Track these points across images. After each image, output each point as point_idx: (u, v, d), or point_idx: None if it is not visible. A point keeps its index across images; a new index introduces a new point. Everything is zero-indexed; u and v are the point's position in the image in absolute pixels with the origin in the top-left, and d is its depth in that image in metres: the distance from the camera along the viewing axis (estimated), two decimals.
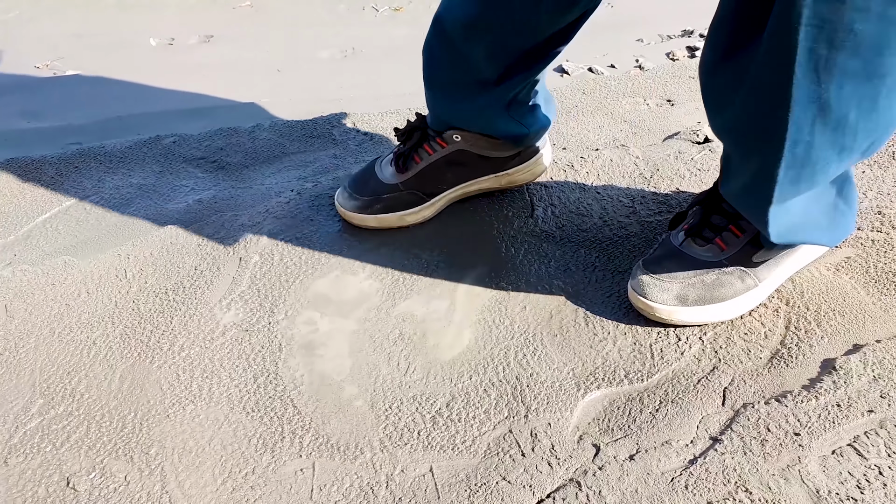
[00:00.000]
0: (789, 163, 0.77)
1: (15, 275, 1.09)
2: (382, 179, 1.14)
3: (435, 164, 1.13)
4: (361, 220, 1.14)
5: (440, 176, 1.14)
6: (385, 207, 1.13)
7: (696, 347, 0.92)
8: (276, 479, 0.80)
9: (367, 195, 1.14)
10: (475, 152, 1.13)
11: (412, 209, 1.14)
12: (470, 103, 1.07)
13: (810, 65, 0.69)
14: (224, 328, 0.98)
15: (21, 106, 1.64)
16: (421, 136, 1.13)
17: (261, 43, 2.00)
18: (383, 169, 1.16)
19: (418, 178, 1.13)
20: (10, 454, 0.84)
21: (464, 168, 1.14)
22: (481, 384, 0.90)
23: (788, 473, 0.76)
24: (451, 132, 1.12)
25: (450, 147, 1.12)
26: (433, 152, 1.13)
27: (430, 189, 1.14)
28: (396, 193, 1.13)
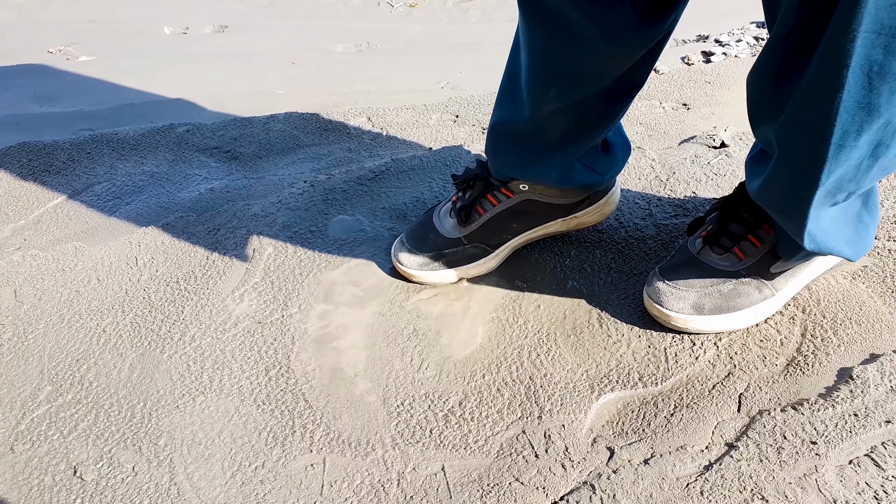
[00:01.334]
0: (832, 167, 0.75)
1: (25, 259, 1.08)
2: (443, 233, 1.05)
3: (500, 215, 1.04)
4: (423, 277, 1.05)
5: (506, 227, 1.05)
6: (448, 262, 1.05)
7: (711, 353, 0.92)
8: (286, 474, 0.80)
9: (428, 251, 1.05)
10: (543, 201, 1.04)
11: (475, 262, 1.05)
12: (544, 160, 0.99)
13: (864, 70, 0.68)
14: (236, 319, 0.98)
15: (33, 90, 1.64)
16: (485, 185, 1.05)
17: (276, 35, 1.99)
18: (443, 221, 1.07)
19: (482, 230, 1.05)
20: (17, 441, 0.83)
21: (531, 217, 1.06)
22: (494, 383, 0.89)
23: (805, 482, 0.75)
24: (517, 182, 1.03)
25: (516, 197, 1.04)
26: (497, 203, 1.04)
27: (494, 241, 1.06)
28: (460, 248, 1.05)
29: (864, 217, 0.91)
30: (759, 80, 0.82)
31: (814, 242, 0.85)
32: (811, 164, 0.76)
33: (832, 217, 0.86)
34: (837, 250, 0.89)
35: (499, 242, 1.06)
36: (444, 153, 1.32)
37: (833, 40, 0.68)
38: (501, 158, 1.02)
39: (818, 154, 0.74)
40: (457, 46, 1.96)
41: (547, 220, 1.07)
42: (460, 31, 2.08)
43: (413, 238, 1.06)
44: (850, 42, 0.66)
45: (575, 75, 0.88)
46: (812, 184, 0.77)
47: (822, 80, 0.70)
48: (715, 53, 1.81)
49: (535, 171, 1.01)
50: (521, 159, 1.00)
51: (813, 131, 0.74)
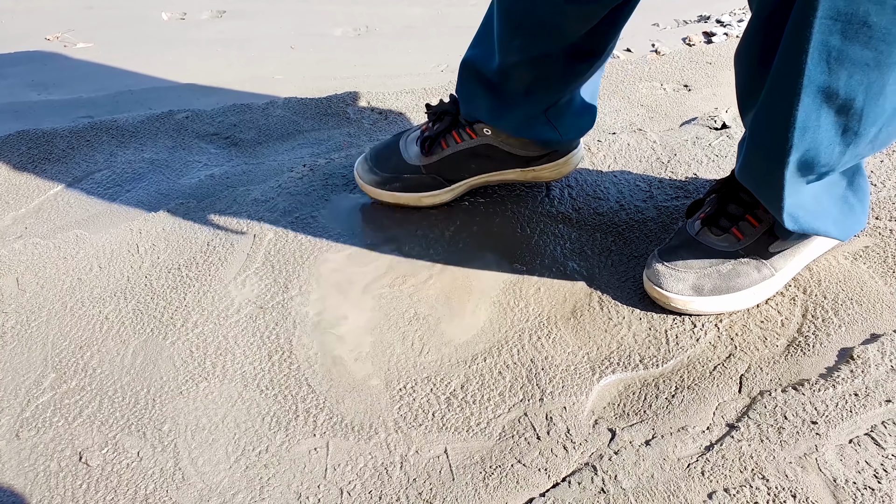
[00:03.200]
0: (798, 148, 0.77)
1: (27, 248, 1.08)
2: (406, 158, 1.12)
3: (461, 153, 1.11)
4: (378, 194, 1.13)
5: (464, 165, 1.12)
6: (404, 187, 1.12)
7: (712, 334, 0.92)
8: (289, 458, 0.80)
9: (387, 171, 1.12)
10: (503, 148, 1.10)
11: (431, 192, 1.13)
12: (508, 108, 1.05)
13: (822, 55, 0.71)
14: (239, 305, 0.98)
15: (31, 78, 1.63)
16: (451, 121, 1.10)
17: (274, 19, 1.98)
18: (408, 147, 1.13)
19: (442, 163, 1.11)
20: (23, 428, 0.84)
21: (489, 161, 1.12)
22: (496, 366, 0.89)
23: (805, 462, 0.76)
24: (481, 125, 1.08)
25: (479, 140, 1.09)
26: (461, 141, 1.10)
27: (451, 176, 1.12)
28: (418, 175, 1.12)
29: (849, 198, 0.92)
30: (746, 63, 0.84)
31: (796, 223, 0.87)
32: (778, 146, 0.78)
33: (815, 197, 0.87)
34: (823, 230, 0.90)
35: (455, 178, 1.13)
36: None
37: (795, 26, 0.71)
38: (470, 101, 1.08)
39: (784, 136, 0.77)
40: (456, 29, 1.94)
41: (504, 167, 1.13)
42: (459, 13, 2.06)
43: (377, 157, 1.14)
44: (808, 28, 0.69)
45: (536, 29, 0.93)
46: (780, 164, 0.79)
47: (786, 64, 0.73)
48: (716, 34, 1.80)
49: (499, 117, 1.06)
50: (487, 104, 1.05)
51: (779, 113, 0.76)
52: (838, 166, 0.82)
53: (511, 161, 1.12)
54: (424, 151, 1.11)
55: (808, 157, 0.79)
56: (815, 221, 0.89)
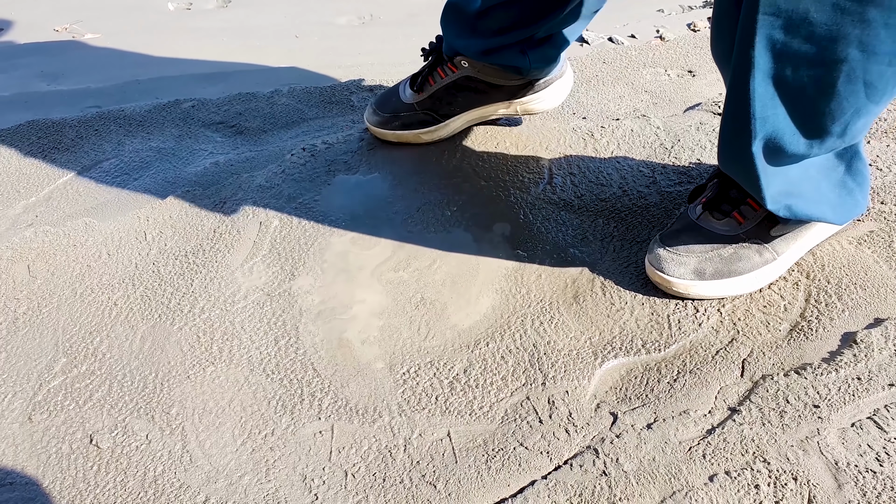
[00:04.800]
0: (760, 136, 0.80)
1: (37, 235, 1.09)
2: (403, 99, 1.23)
3: (446, 88, 1.19)
4: (382, 134, 1.24)
5: (452, 99, 1.20)
6: (402, 125, 1.23)
7: (715, 319, 0.92)
8: (295, 441, 0.81)
9: (387, 112, 1.23)
10: (483, 79, 1.17)
11: (427, 128, 1.23)
12: (481, 40, 1.11)
13: (768, 49, 0.75)
14: (246, 291, 0.99)
15: (40, 68, 1.64)
16: (436, 59, 1.20)
17: (278, 8, 1.98)
18: (405, 89, 1.24)
19: (432, 99, 1.20)
20: (35, 411, 0.85)
21: (475, 94, 1.19)
22: (498, 351, 0.90)
23: (807, 445, 0.76)
24: (459, 58, 1.16)
25: (459, 72, 1.17)
26: (444, 76, 1.19)
27: (444, 111, 1.21)
28: (413, 113, 1.22)
29: (847, 182, 0.93)
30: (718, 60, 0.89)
31: (789, 211, 0.89)
32: (743, 135, 0.81)
33: (814, 183, 0.89)
34: (819, 215, 0.91)
35: (447, 113, 1.22)
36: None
37: (743, 21, 0.75)
38: (449, 37, 1.15)
39: (746, 126, 0.80)
40: None
41: (490, 100, 1.21)
42: None
43: (379, 101, 1.26)
44: (753, 23, 0.73)
45: None
46: (748, 153, 0.82)
47: (741, 56, 0.77)
48: None
49: (470, 46, 1.13)
50: (463, 37, 1.13)
51: (739, 103, 0.80)
52: (811, 155, 0.85)
53: (495, 93, 1.19)
54: (415, 90, 1.21)
55: (773, 145, 0.82)
56: (811, 207, 0.89)
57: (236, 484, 0.78)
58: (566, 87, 1.23)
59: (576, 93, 1.44)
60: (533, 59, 1.13)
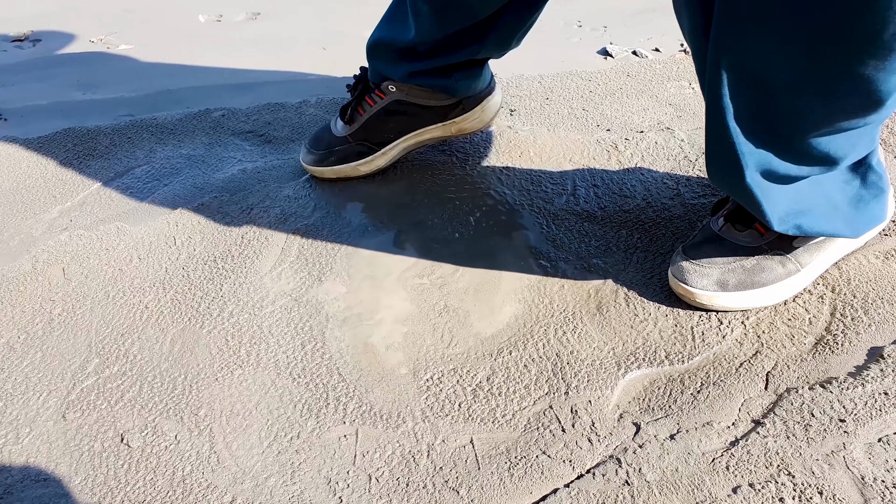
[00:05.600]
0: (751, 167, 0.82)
1: (72, 239, 1.12)
2: (335, 133, 1.22)
3: (377, 115, 1.19)
4: (319, 172, 1.22)
5: (384, 126, 1.19)
6: (338, 159, 1.21)
7: (738, 331, 0.92)
8: (320, 444, 0.83)
9: (321, 149, 1.21)
10: (413, 101, 1.17)
11: (364, 159, 1.21)
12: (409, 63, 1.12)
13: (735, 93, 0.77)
14: (274, 297, 1.01)
15: (77, 78, 1.69)
16: (363, 88, 1.19)
17: (306, 21, 2.01)
18: (336, 123, 1.23)
19: (364, 129, 1.20)
20: (69, 409, 0.88)
21: (407, 117, 1.19)
22: (521, 360, 0.91)
23: (833, 459, 0.76)
24: (386, 83, 1.16)
25: (388, 98, 1.17)
26: (374, 104, 1.18)
27: (378, 139, 1.20)
28: (347, 145, 1.21)
29: (864, 196, 0.93)
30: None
31: (799, 229, 0.89)
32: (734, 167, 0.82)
33: (826, 198, 0.89)
34: (831, 231, 0.91)
35: (382, 142, 1.21)
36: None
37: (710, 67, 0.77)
38: (374, 61, 1.16)
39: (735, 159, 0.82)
40: None
41: (424, 122, 1.20)
42: None
43: (312, 139, 1.24)
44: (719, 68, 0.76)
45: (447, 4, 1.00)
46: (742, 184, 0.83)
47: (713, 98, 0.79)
48: None
49: (396, 70, 1.14)
50: (387, 59, 1.14)
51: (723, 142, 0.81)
52: (808, 176, 0.85)
53: (427, 115, 1.19)
54: (346, 121, 1.20)
55: (766, 173, 0.83)
56: (822, 223, 0.90)
57: (262, 485, 0.79)
58: (496, 101, 1.23)
59: (600, 105, 1.45)
60: (459, 78, 1.14)
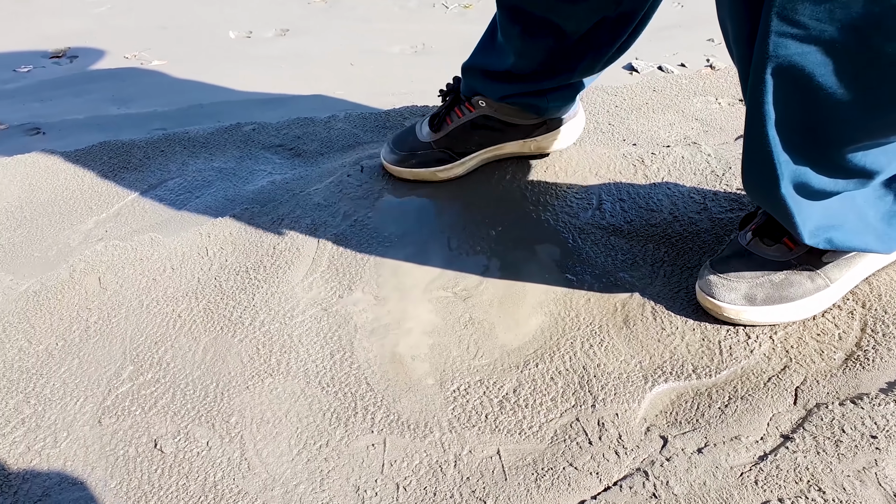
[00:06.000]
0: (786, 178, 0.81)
1: (107, 249, 1.15)
2: (420, 138, 1.27)
3: (463, 127, 1.23)
4: (398, 172, 1.27)
5: (468, 138, 1.24)
6: (419, 163, 1.26)
7: (767, 346, 0.92)
8: (348, 453, 0.84)
9: (404, 151, 1.27)
10: (499, 118, 1.22)
11: (443, 166, 1.25)
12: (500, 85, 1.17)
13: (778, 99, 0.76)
14: (304, 307, 1.02)
15: (112, 93, 1.73)
16: (454, 99, 1.24)
17: (334, 37, 2.05)
18: (422, 128, 1.28)
19: (448, 138, 1.24)
20: (104, 415, 0.90)
21: (490, 132, 1.24)
22: (548, 372, 0.91)
23: (864, 476, 0.75)
24: (477, 98, 1.21)
25: (476, 112, 1.22)
26: (462, 115, 1.23)
27: (460, 149, 1.25)
28: (429, 151, 1.25)
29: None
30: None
31: (829, 243, 0.88)
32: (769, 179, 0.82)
33: (859, 214, 0.88)
34: (862, 246, 0.90)
35: (463, 151, 1.25)
36: None
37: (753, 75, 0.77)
38: (467, 77, 1.21)
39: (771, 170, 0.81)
40: None
41: (507, 138, 1.25)
42: None
43: (396, 140, 1.29)
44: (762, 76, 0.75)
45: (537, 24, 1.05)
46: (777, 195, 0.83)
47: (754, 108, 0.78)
48: None
49: (490, 88, 1.18)
50: (481, 79, 1.18)
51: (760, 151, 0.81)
52: (843, 191, 0.85)
53: (511, 131, 1.24)
54: (433, 128, 1.25)
55: (800, 185, 0.83)
56: (853, 238, 0.89)
57: (292, 492, 0.80)
58: (579, 126, 1.28)
59: (626, 119, 1.45)
60: (551, 100, 1.18)
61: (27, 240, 1.21)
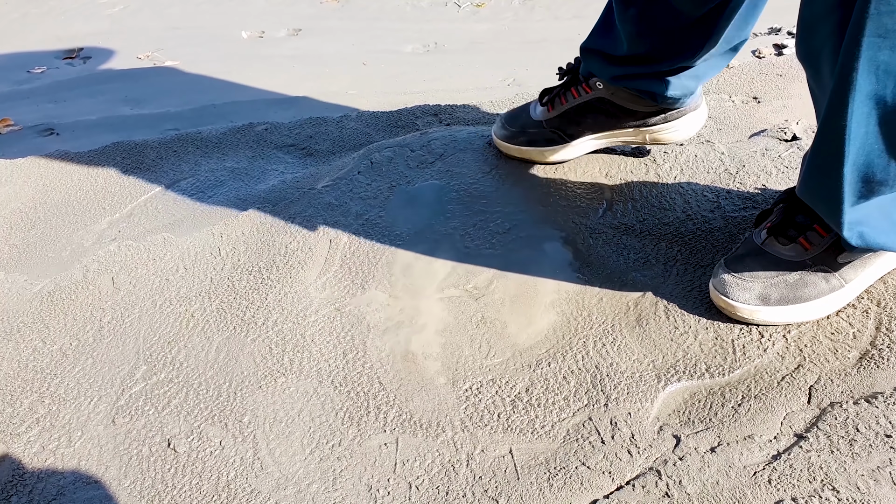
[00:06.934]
0: (851, 159, 0.80)
1: (120, 249, 1.16)
2: (532, 116, 1.25)
3: (577, 108, 1.21)
4: (506, 148, 1.27)
5: (581, 120, 1.21)
6: (528, 141, 1.25)
7: (780, 345, 0.91)
8: (361, 452, 0.84)
9: (514, 127, 1.26)
10: (616, 102, 1.18)
11: (552, 146, 1.24)
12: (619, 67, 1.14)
13: (871, 70, 0.74)
14: (317, 306, 1.03)
15: (125, 94, 1.75)
16: (571, 79, 1.22)
17: (346, 37, 2.05)
18: (536, 107, 1.27)
19: (561, 118, 1.22)
20: (118, 414, 0.90)
21: (605, 117, 1.20)
22: (560, 371, 0.91)
23: (879, 475, 0.75)
24: (594, 80, 1.18)
25: (592, 94, 1.19)
26: (578, 96, 1.21)
27: (571, 131, 1.22)
28: (540, 130, 1.24)
29: None
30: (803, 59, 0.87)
31: (861, 239, 0.87)
32: (835, 158, 0.80)
33: (885, 213, 0.86)
34: (890, 245, 0.89)
35: (574, 134, 1.23)
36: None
37: (847, 45, 0.75)
38: (586, 60, 1.18)
39: (839, 148, 0.79)
40: (522, 44, 1.98)
41: (620, 125, 1.21)
42: (526, 29, 2.10)
43: (508, 115, 1.29)
44: (857, 46, 0.73)
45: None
46: (837, 177, 0.81)
47: (842, 78, 0.76)
48: (787, 46, 1.78)
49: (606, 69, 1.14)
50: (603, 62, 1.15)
51: (834, 125, 0.79)
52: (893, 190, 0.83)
53: (626, 118, 1.20)
54: (546, 107, 1.23)
55: (863, 170, 0.81)
56: (881, 237, 0.88)
57: (304, 491, 0.80)
58: (700, 119, 1.21)
59: None
60: (671, 87, 1.12)
61: (41, 240, 1.22)
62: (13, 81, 1.88)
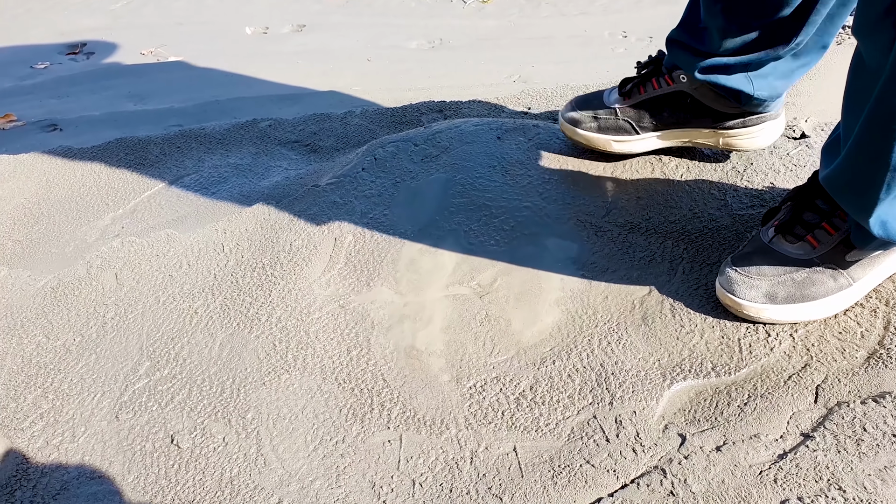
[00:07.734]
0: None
1: (123, 245, 1.16)
2: (606, 102, 1.21)
3: (656, 99, 1.17)
4: (572, 132, 1.22)
5: (657, 112, 1.18)
6: (599, 128, 1.20)
7: (787, 344, 0.91)
8: (364, 449, 0.84)
9: (585, 111, 1.21)
10: (697, 97, 1.14)
11: (621, 136, 1.20)
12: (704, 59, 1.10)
13: None
14: (322, 303, 1.02)
15: (128, 89, 1.75)
16: (653, 70, 1.18)
17: (351, 33, 2.05)
18: (611, 93, 1.23)
19: (636, 108, 1.18)
20: (121, 410, 0.90)
21: (682, 113, 1.17)
22: (565, 369, 0.91)
23: (886, 475, 0.74)
24: (678, 72, 1.14)
25: (674, 86, 1.15)
26: (658, 87, 1.17)
27: (645, 123, 1.19)
28: (612, 117, 1.20)
29: None
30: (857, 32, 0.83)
31: (884, 230, 0.85)
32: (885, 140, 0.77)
33: None
34: None
35: (647, 127, 1.19)
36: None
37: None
38: (672, 52, 1.15)
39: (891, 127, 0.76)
40: (528, 41, 1.97)
41: (697, 123, 1.17)
42: (532, 25, 2.09)
43: (580, 99, 1.24)
44: None
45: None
46: (883, 169, 0.78)
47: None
48: None
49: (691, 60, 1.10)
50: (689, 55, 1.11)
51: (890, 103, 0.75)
52: None
53: (704, 116, 1.16)
54: (623, 94, 1.19)
55: None
56: None
57: (308, 488, 0.80)
58: (779, 129, 1.18)
59: None
60: (757, 87, 1.09)
61: (44, 236, 1.22)
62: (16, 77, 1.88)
